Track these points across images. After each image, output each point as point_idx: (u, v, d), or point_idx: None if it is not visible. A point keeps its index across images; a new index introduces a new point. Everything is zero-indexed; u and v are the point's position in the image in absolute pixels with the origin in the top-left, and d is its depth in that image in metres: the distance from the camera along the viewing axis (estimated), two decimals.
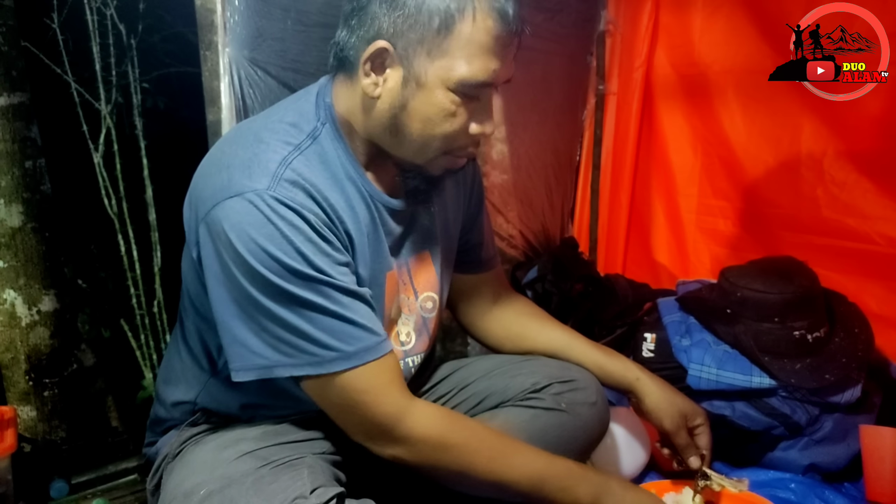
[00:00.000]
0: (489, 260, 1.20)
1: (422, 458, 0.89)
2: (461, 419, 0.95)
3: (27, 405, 1.79)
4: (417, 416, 0.88)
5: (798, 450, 1.44)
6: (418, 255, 1.03)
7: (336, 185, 0.90)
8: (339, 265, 0.85)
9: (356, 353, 0.84)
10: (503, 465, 0.90)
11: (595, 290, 1.95)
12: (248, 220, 0.80)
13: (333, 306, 0.83)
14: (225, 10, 1.32)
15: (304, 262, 0.81)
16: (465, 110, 0.86)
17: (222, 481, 0.77)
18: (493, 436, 0.94)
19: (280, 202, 0.81)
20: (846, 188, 1.70)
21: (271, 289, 0.80)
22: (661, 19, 2.01)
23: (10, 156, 1.71)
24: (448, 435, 0.89)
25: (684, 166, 2.04)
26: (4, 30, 1.70)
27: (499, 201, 2.08)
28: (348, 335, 0.83)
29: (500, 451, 0.92)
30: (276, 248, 0.80)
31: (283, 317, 0.81)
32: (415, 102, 0.85)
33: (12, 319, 1.75)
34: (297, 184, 0.84)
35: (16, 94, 1.72)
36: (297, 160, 0.86)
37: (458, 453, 0.89)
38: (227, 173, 0.84)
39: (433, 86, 0.84)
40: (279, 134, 0.89)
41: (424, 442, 0.88)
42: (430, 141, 0.87)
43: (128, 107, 2.04)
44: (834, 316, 1.51)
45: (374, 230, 0.94)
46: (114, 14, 1.91)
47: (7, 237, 1.72)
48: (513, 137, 2.06)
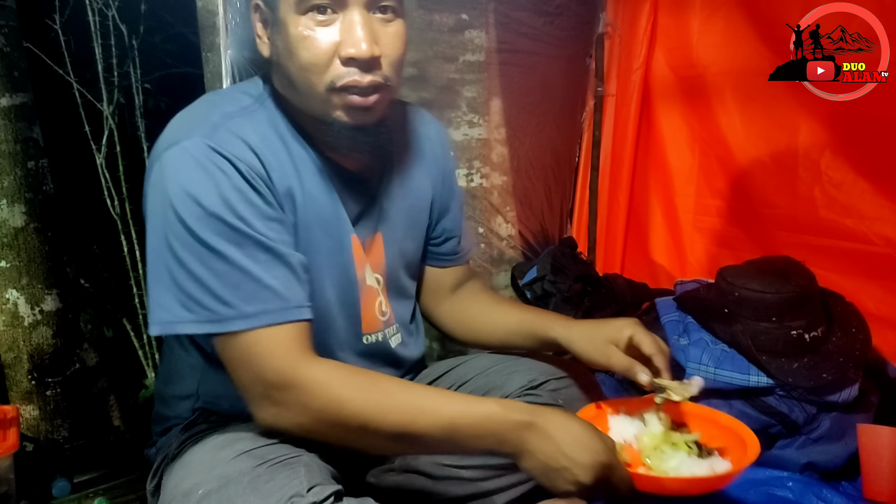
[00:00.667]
0: (463, 254, 1.18)
1: (319, 415, 0.81)
2: (362, 372, 0.87)
3: (30, 404, 1.80)
4: (313, 372, 0.82)
5: (795, 448, 1.44)
6: (373, 236, 1.01)
7: (283, 145, 0.89)
8: (267, 220, 0.83)
9: (255, 314, 0.80)
10: (409, 415, 0.82)
11: (593, 289, 1.96)
12: (179, 165, 0.81)
13: (245, 261, 0.80)
14: (226, 12, 1.33)
15: (227, 208, 0.80)
16: (324, 34, 0.82)
17: (220, 481, 0.77)
18: (399, 385, 0.87)
19: (213, 149, 0.81)
20: (843, 188, 1.70)
21: (187, 237, 0.80)
22: (660, 21, 2.02)
23: (12, 156, 1.72)
24: (344, 387, 0.82)
25: (682, 167, 2.05)
26: (7, 31, 1.71)
27: (498, 202, 2.09)
28: (251, 295, 0.80)
29: (405, 400, 0.83)
30: (200, 191, 0.80)
31: (192, 269, 0.80)
32: (281, 43, 0.85)
33: (15, 319, 1.76)
34: (236, 135, 0.84)
35: (18, 95, 1.73)
36: (241, 118, 0.87)
37: (356, 406, 0.81)
38: (170, 132, 0.86)
39: (286, 18, 0.83)
40: (227, 97, 0.91)
41: (319, 396, 0.81)
42: (303, 77, 0.84)
43: (130, 108, 2.05)
44: (831, 315, 1.52)
45: (328, 193, 0.93)
46: (115, 15, 1.92)
47: (10, 237, 1.73)
48: (512, 139, 2.07)
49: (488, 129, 2.00)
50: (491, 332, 1.14)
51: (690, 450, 0.94)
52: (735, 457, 0.93)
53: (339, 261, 0.95)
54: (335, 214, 0.94)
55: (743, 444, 0.93)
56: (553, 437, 0.82)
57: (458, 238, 1.16)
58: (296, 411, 0.81)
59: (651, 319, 1.69)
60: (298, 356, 0.82)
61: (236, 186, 0.81)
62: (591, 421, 0.91)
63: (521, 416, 0.83)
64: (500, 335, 1.13)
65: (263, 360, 0.80)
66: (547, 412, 0.85)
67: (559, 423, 0.84)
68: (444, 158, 1.13)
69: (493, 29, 1.93)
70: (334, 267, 0.95)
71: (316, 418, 0.81)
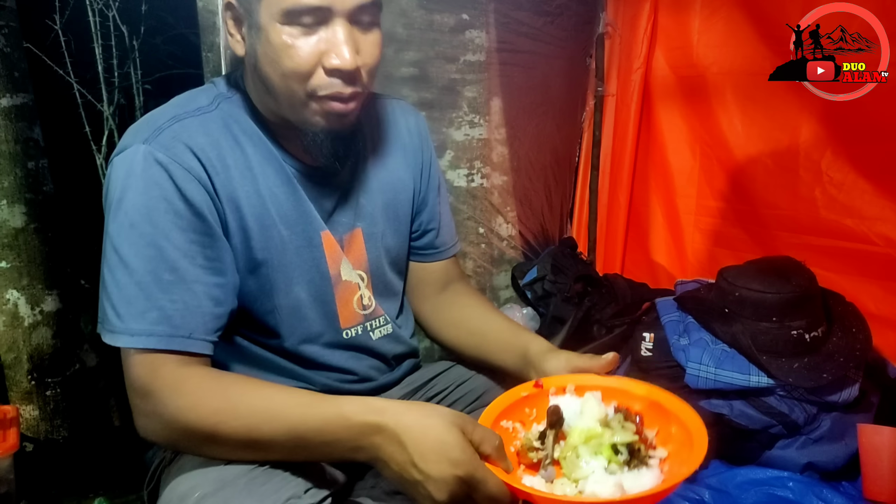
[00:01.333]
0: (444, 249, 1.14)
1: (170, 425, 0.77)
2: (218, 378, 0.82)
3: (30, 405, 1.80)
4: (169, 380, 0.79)
5: (796, 448, 1.44)
6: (352, 232, 1.00)
7: (236, 147, 0.89)
8: (190, 237, 0.82)
9: (140, 333, 0.79)
10: (253, 420, 0.76)
11: (594, 289, 1.96)
12: (118, 173, 0.82)
13: (146, 277, 0.80)
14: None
15: (147, 219, 0.80)
16: (310, 42, 0.81)
17: (216, 484, 0.76)
18: (250, 389, 0.80)
19: (151, 155, 0.82)
20: (844, 189, 1.71)
21: (108, 244, 0.81)
22: (660, 21, 2.02)
23: (12, 157, 1.72)
24: (191, 394, 0.78)
25: (683, 167, 2.05)
26: (7, 31, 1.71)
27: (499, 202, 2.09)
28: (141, 313, 0.79)
29: (251, 404, 0.77)
30: (128, 200, 0.81)
31: (105, 275, 0.82)
32: (261, 48, 0.83)
33: (15, 319, 1.76)
34: (178, 139, 0.84)
35: (18, 96, 1.73)
36: (190, 120, 0.87)
37: (202, 413, 0.76)
38: (124, 137, 0.87)
39: (267, 25, 0.81)
40: (181, 103, 0.90)
41: (168, 404, 0.77)
42: (284, 83, 0.83)
43: (130, 108, 2.06)
44: (832, 315, 1.52)
45: (291, 192, 0.92)
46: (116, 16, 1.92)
47: (10, 238, 1.73)
48: (512, 139, 2.07)
49: (489, 129, 2.01)
50: (468, 335, 1.09)
51: (616, 456, 0.75)
52: (674, 466, 0.75)
53: (308, 257, 0.94)
54: (300, 212, 0.93)
55: (689, 449, 0.74)
56: (404, 444, 0.71)
57: (437, 231, 1.13)
58: (153, 420, 0.79)
59: (651, 319, 1.69)
60: (165, 365, 0.79)
61: (164, 196, 0.81)
62: (531, 399, 0.82)
63: (369, 418, 0.73)
64: (475, 340, 1.08)
65: (135, 369, 0.80)
66: (404, 413, 0.74)
67: (414, 427, 0.72)
68: (424, 149, 1.11)
69: (493, 29, 1.93)
70: (304, 263, 0.94)
71: (168, 427, 0.78)
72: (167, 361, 0.79)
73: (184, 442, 0.79)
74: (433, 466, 0.70)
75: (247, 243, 0.89)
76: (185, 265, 0.82)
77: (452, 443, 0.70)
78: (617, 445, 0.75)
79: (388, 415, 0.73)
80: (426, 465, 0.70)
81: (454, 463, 0.69)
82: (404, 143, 1.07)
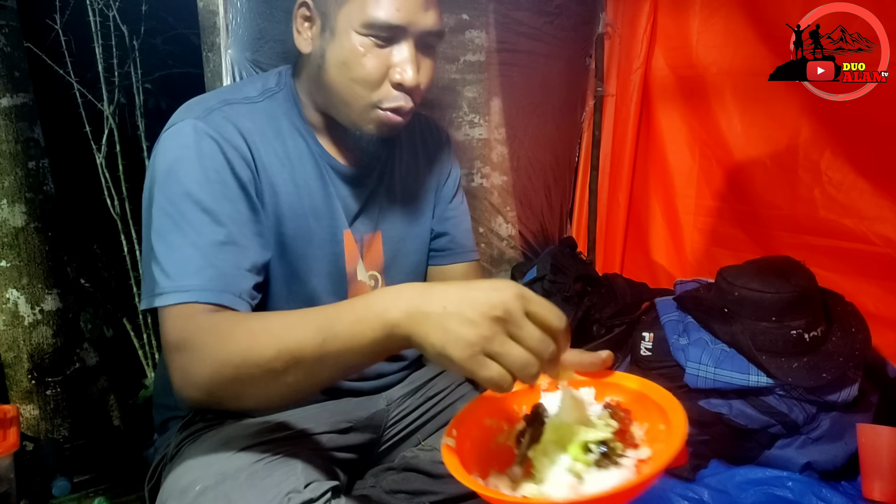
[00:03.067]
0: (459, 254, 1.17)
1: (203, 366, 0.75)
2: (242, 313, 0.81)
3: (30, 404, 1.80)
4: (198, 324, 0.78)
5: (795, 448, 1.44)
6: (373, 234, 1.04)
7: (278, 138, 0.94)
8: (237, 206, 0.86)
9: (193, 288, 0.79)
10: (282, 330, 0.72)
11: (593, 289, 1.96)
12: (169, 144, 0.86)
13: (199, 239, 0.82)
14: (227, 12, 1.33)
15: (201, 187, 0.83)
16: (381, 54, 0.87)
17: (217, 477, 0.77)
18: (277, 313, 0.78)
19: (203, 130, 0.86)
20: (843, 189, 1.71)
21: (163, 209, 0.83)
22: (660, 21, 2.02)
23: (13, 156, 1.72)
24: (220, 327, 0.77)
25: (682, 167, 2.05)
26: (7, 31, 1.71)
27: (498, 202, 2.09)
28: (196, 270, 0.80)
29: (278, 318, 0.75)
30: (180, 169, 0.84)
31: (154, 241, 0.83)
32: (331, 50, 0.88)
33: (15, 319, 1.76)
34: (228, 119, 0.89)
35: (19, 95, 1.73)
36: (239, 106, 0.92)
37: (233, 339, 0.74)
38: (173, 117, 0.91)
39: (343, 30, 0.86)
40: (235, 88, 0.97)
41: (201, 346, 0.76)
42: (350, 88, 0.89)
43: (130, 108, 2.06)
44: (831, 315, 1.52)
45: (322, 187, 0.97)
46: (116, 16, 1.92)
47: (10, 237, 1.73)
48: (512, 139, 2.07)
49: (489, 129, 2.01)
50: None
51: (584, 455, 0.70)
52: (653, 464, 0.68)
53: (329, 251, 0.98)
54: (329, 207, 0.98)
55: (667, 449, 0.67)
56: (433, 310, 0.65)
57: (452, 235, 1.16)
58: (191, 368, 0.76)
59: (651, 319, 1.69)
60: (199, 314, 0.79)
61: (215, 168, 0.85)
62: (521, 395, 0.79)
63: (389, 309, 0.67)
64: None
65: (171, 323, 0.79)
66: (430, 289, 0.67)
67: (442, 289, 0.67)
68: (451, 162, 1.17)
69: (493, 29, 1.93)
70: (324, 257, 0.98)
71: (204, 366, 0.74)
72: (203, 311, 0.79)
73: (220, 377, 0.74)
74: (467, 311, 0.63)
75: (278, 228, 0.93)
76: (236, 232, 0.85)
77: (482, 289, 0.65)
78: (589, 443, 0.71)
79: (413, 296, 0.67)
80: (462, 312, 0.63)
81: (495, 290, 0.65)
82: (430, 154, 1.13)
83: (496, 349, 0.63)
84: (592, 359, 0.80)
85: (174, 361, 0.79)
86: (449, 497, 1.00)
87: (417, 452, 1.02)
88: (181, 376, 0.78)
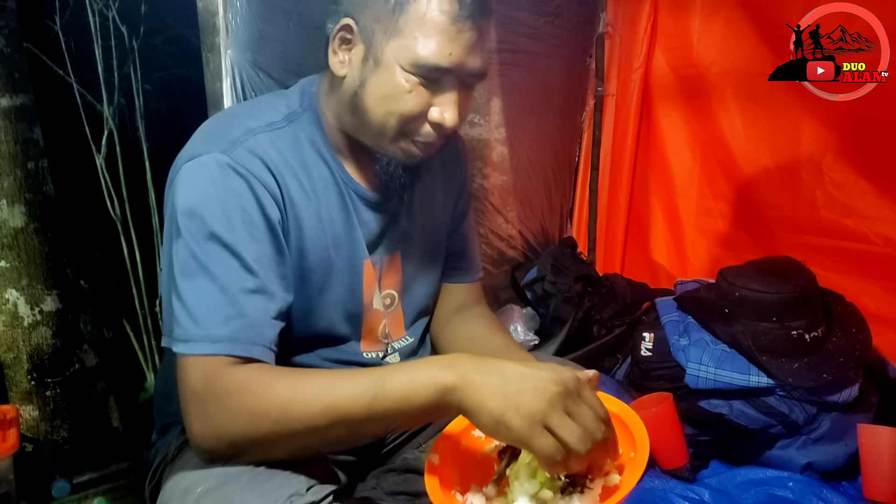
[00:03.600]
0: (469, 273, 1.17)
1: (237, 416, 0.74)
2: (281, 368, 0.80)
3: (29, 405, 1.80)
4: (230, 376, 0.76)
5: (796, 448, 1.44)
6: (392, 255, 1.03)
7: (303, 167, 0.91)
8: (263, 248, 0.83)
9: (222, 339, 0.77)
10: (326, 387, 0.74)
11: (594, 289, 1.96)
12: (193, 179, 0.83)
13: (232, 284, 0.79)
14: (227, 13, 1.33)
15: (228, 229, 0.80)
16: (424, 93, 0.85)
17: (218, 479, 0.76)
18: (319, 370, 0.79)
19: (230, 166, 0.82)
20: (844, 189, 1.71)
21: (186, 254, 0.80)
22: (660, 21, 2.02)
23: (12, 157, 1.72)
24: (258, 381, 0.76)
25: (683, 167, 2.05)
26: (7, 32, 1.71)
27: (498, 202, 2.09)
28: (226, 319, 0.78)
29: (322, 376, 0.76)
30: (206, 208, 0.80)
31: (181, 282, 0.80)
32: (372, 80, 0.85)
33: (15, 319, 1.76)
34: (254, 153, 0.85)
35: (18, 96, 1.73)
36: (263, 135, 0.88)
37: (272, 393, 0.74)
38: (193, 143, 0.88)
39: (389, 64, 0.84)
40: (254, 113, 0.91)
41: (235, 398, 0.75)
42: (386, 119, 0.86)
43: (130, 109, 2.05)
44: (832, 315, 1.52)
45: (345, 217, 0.95)
46: (116, 16, 1.92)
47: (10, 238, 1.73)
48: (512, 139, 2.07)
49: (489, 129, 2.00)
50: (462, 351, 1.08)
51: (551, 481, 0.73)
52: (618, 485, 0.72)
53: (347, 282, 0.97)
54: (350, 237, 0.96)
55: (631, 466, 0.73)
56: (489, 377, 0.69)
57: (463, 254, 1.16)
58: (216, 422, 0.75)
59: (651, 319, 1.69)
60: (228, 367, 0.77)
61: (243, 207, 0.82)
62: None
63: (444, 379, 0.71)
64: None
65: (194, 373, 0.77)
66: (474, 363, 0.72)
67: (493, 367, 0.71)
68: (462, 173, 1.15)
69: (493, 29, 1.93)
70: (342, 287, 0.96)
71: (233, 423, 0.74)
72: (231, 363, 0.77)
73: (253, 431, 0.74)
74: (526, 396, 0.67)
75: (300, 262, 0.91)
76: (263, 275, 0.82)
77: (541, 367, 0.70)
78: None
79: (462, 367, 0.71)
80: (518, 397, 0.67)
81: (552, 381, 0.68)
82: (446, 167, 1.10)
83: (556, 421, 0.67)
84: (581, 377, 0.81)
85: (196, 412, 0.77)
86: None
87: (418, 454, 1.02)
88: (202, 428, 0.76)
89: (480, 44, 0.86)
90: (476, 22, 0.83)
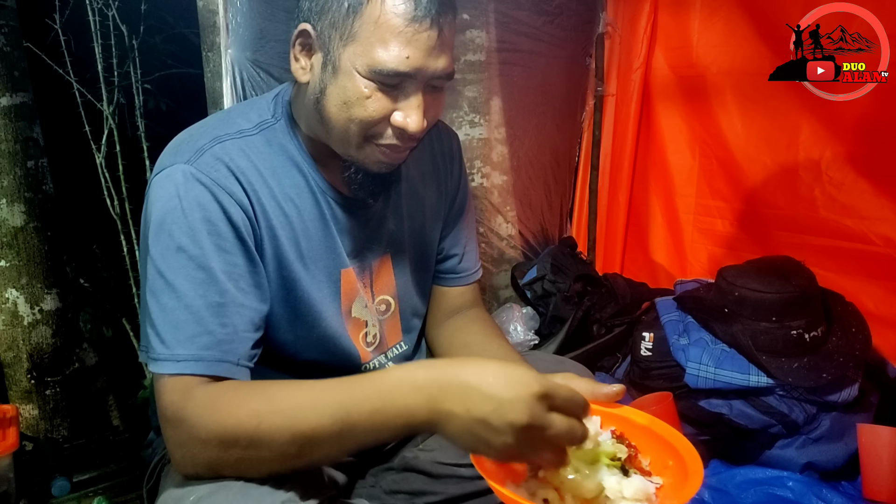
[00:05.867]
0: (465, 275, 1.14)
1: (207, 443, 0.73)
2: (249, 385, 0.79)
3: (29, 403, 1.80)
4: (197, 398, 0.75)
5: (795, 448, 1.44)
6: (381, 259, 1.01)
7: (273, 175, 0.88)
8: (231, 260, 0.81)
9: (187, 359, 0.76)
10: (294, 411, 0.72)
11: (593, 289, 1.96)
12: (160, 193, 0.81)
13: (197, 301, 0.77)
14: (227, 12, 1.33)
15: (193, 242, 0.78)
16: (383, 98, 0.81)
17: (211, 486, 0.75)
18: (286, 387, 0.76)
19: (193, 176, 0.80)
20: (844, 189, 1.71)
21: (153, 268, 0.79)
22: (660, 21, 2.02)
23: (12, 156, 1.72)
24: (223, 406, 0.74)
25: (682, 167, 2.05)
26: (7, 31, 1.71)
27: (498, 202, 2.09)
28: (191, 337, 0.76)
29: (290, 397, 0.74)
30: (172, 222, 0.79)
31: (148, 300, 0.79)
32: (332, 87, 0.82)
33: (14, 318, 1.76)
34: (219, 159, 0.83)
35: (18, 95, 1.73)
36: (231, 143, 0.85)
37: (239, 419, 0.72)
38: (164, 155, 0.86)
39: (346, 70, 0.80)
40: (224, 123, 0.89)
41: (202, 423, 0.73)
42: (347, 126, 0.83)
43: (130, 108, 2.05)
44: (831, 315, 1.52)
45: (322, 226, 0.92)
46: (115, 15, 1.92)
47: (9, 237, 1.73)
48: (512, 139, 2.07)
49: (489, 129, 2.01)
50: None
51: (610, 465, 0.75)
52: (667, 499, 0.76)
53: (328, 292, 0.95)
54: (327, 247, 0.93)
55: (684, 483, 0.77)
56: (466, 397, 0.67)
57: (459, 257, 1.13)
58: (190, 445, 0.74)
59: (651, 319, 1.69)
60: (197, 387, 0.75)
61: (208, 218, 0.80)
62: None
63: (418, 383, 0.70)
64: None
65: (167, 396, 0.76)
66: (458, 368, 0.70)
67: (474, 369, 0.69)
68: (456, 172, 1.11)
69: (493, 29, 1.93)
70: (324, 298, 0.94)
71: (206, 447, 0.73)
72: (199, 383, 0.76)
73: (224, 457, 0.74)
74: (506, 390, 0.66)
75: (280, 272, 0.89)
76: (232, 288, 0.80)
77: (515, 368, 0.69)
78: (609, 456, 0.76)
79: (440, 374, 0.70)
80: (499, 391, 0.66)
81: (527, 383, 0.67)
82: (437, 168, 1.08)
83: (527, 453, 0.69)
84: (607, 391, 0.83)
85: (171, 437, 0.76)
86: (449, 497, 1.00)
87: (417, 453, 1.01)
88: (179, 451, 0.76)
89: (443, 43, 0.81)
90: (435, 20, 0.79)
